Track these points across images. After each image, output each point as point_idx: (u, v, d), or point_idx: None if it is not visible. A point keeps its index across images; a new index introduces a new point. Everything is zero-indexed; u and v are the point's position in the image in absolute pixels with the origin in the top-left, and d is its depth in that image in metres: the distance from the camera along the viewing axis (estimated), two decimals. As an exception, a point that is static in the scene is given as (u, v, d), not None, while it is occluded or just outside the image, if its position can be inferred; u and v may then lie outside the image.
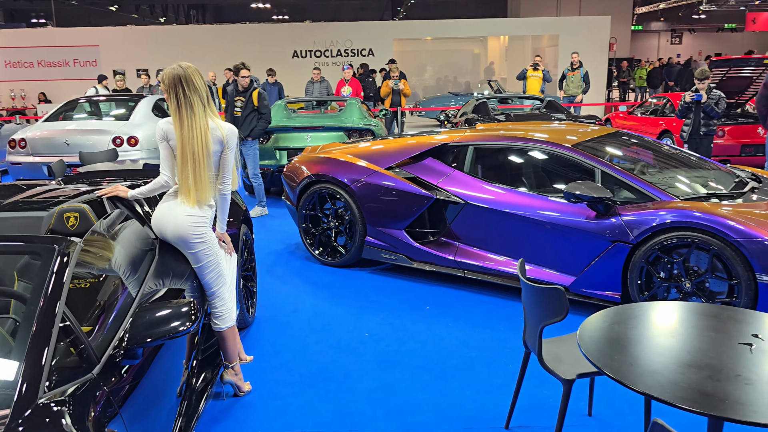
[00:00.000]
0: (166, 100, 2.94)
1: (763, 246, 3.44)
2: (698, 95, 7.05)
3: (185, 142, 2.84)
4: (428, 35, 19.72)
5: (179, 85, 2.85)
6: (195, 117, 2.85)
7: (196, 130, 2.84)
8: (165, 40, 18.57)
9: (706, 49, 50.80)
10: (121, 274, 2.55)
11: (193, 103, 2.85)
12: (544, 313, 2.43)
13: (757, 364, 1.93)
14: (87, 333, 2.10)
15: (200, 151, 2.85)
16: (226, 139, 2.93)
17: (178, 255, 2.99)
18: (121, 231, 2.82)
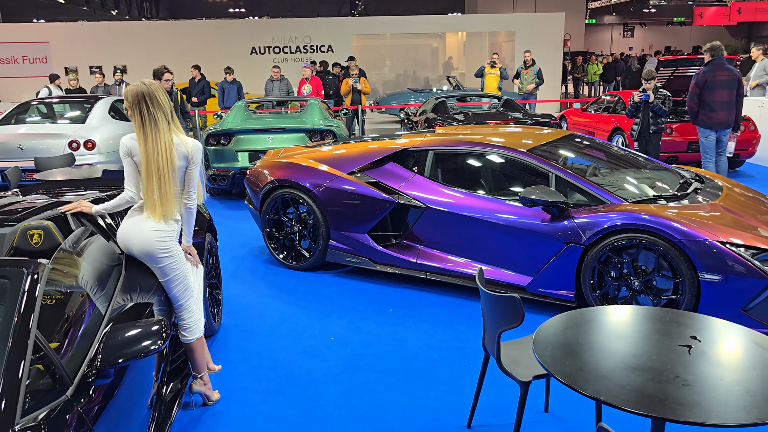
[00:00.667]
0: (129, 117, 2.96)
1: (704, 246, 3.67)
2: (646, 95, 7.35)
3: (150, 158, 2.88)
4: (387, 31, 19.79)
5: (143, 102, 2.88)
6: (159, 133, 2.89)
7: (160, 146, 2.88)
8: (118, 36, 18.17)
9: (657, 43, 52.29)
10: (89, 291, 2.58)
11: (157, 119, 2.88)
12: (501, 320, 2.56)
13: (695, 365, 2.10)
14: (57, 350, 2.14)
15: (165, 166, 2.89)
16: (191, 154, 2.98)
17: (145, 269, 3.03)
18: (87, 248, 2.85)
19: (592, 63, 20.26)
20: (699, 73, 7.22)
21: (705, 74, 7.15)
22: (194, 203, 3.06)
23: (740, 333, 2.35)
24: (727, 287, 3.65)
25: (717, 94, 7.10)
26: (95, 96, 9.14)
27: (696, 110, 7.21)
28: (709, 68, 7.16)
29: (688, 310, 3.76)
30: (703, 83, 7.12)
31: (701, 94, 7.12)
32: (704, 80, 7.12)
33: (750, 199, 4.57)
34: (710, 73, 7.12)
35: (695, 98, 7.15)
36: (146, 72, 9.85)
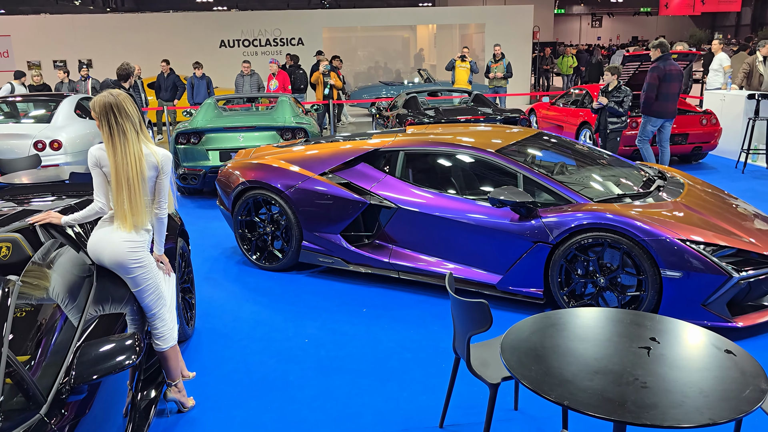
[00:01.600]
0: (98, 128, 2.95)
1: (666, 244, 3.79)
2: (599, 104, 7.74)
3: (119, 169, 2.88)
4: (357, 24, 19.73)
5: (110, 113, 2.87)
6: (128, 143, 2.89)
7: (129, 157, 2.88)
8: (83, 29, 17.78)
9: (624, 33, 53.05)
10: (61, 304, 2.58)
11: (125, 129, 2.88)
12: (470, 324, 2.64)
13: (653, 367, 2.19)
14: (29, 366, 2.14)
15: (135, 177, 2.90)
16: (161, 164, 2.98)
17: (116, 279, 3.03)
18: (57, 260, 2.84)
19: (567, 55, 19.91)
20: (657, 66, 7.61)
21: (663, 68, 7.55)
22: (165, 213, 3.07)
23: (697, 334, 2.46)
24: (687, 283, 3.79)
25: (672, 86, 7.59)
26: (60, 94, 8.97)
27: (652, 101, 7.61)
28: (663, 62, 7.60)
29: (651, 306, 3.89)
30: (663, 76, 7.52)
31: (659, 86, 7.55)
32: (663, 73, 7.53)
33: (710, 195, 4.73)
34: (666, 66, 7.56)
35: (654, 89, 7.57)
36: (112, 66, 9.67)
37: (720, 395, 2.01)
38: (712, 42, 11.48)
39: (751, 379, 2.10)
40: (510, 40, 17.97)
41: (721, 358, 2.26)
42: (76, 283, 2.82)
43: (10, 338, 2.08)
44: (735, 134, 9.36)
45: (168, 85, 12.83)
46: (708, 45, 31.91)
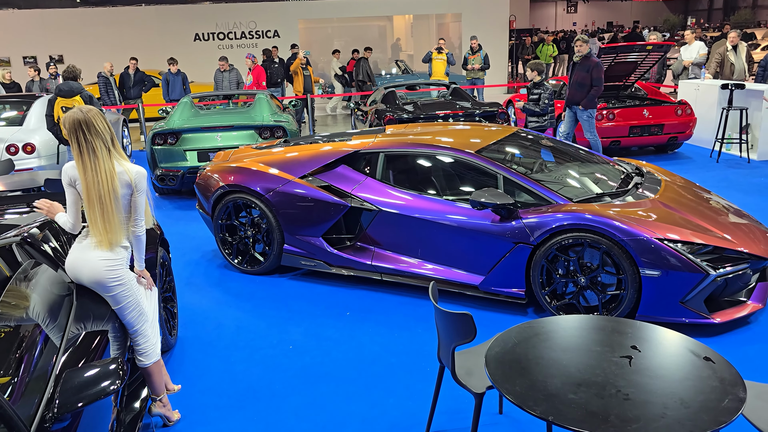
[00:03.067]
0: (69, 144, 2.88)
1: (644, 243, 3.85)
2: (518, 105, 8.12)
3: (90, 187, 2.83)
4: (333, 15, 19.57)
5: (79, 130, 2.81)
6: (99, 161, 2.83)
7: (101, 175, 2.82)
8: (53, 24, 17.39)
9: (599, 18, 53.39)
10: (42, 324, 2.55)
11: (95, 147, 2.82)
12: (455, 335, 2.65)
13: (635, 377, 2.23)
14: (9, 393, 2.11)
15: (107, 194, 2.84)
16: (135, 182, 2.92)
17: (97, 297, 2.99)
18: (36, 280, 2.79)
19: (546, 44, 19.34)
20: (599, 61, 8.05)
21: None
22: (142, 230, 3.02)
23: (676, 340, 2.51)
24: (666, 281, 3.85)
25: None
26: (32, 95, 8.79)
27: (599, 94, 8.11)
28: (593, 55, 8.15)
29: (630, 305, 3.95)
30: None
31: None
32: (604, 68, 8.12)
33: (686, 191, 4.80)
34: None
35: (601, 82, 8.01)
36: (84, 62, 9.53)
37: (700, 406, 2.06)
38: (686, 34, 11.60)
39: (730, 387, 2.15)
40: (486, 29, 17.98)
41: (700, 366, 2.30)
42: (56, 302, 2.78)
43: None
44: (709, 124, 9.51)
45: (136, 82, 12.59)
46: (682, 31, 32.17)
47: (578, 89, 8.07)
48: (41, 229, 3.26)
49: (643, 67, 9.42)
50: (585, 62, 8.03)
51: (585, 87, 7.99)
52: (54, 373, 2.38)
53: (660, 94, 10.00)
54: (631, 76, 9.64)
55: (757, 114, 8.89)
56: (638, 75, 9.64)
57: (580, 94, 8.06)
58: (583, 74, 8.01)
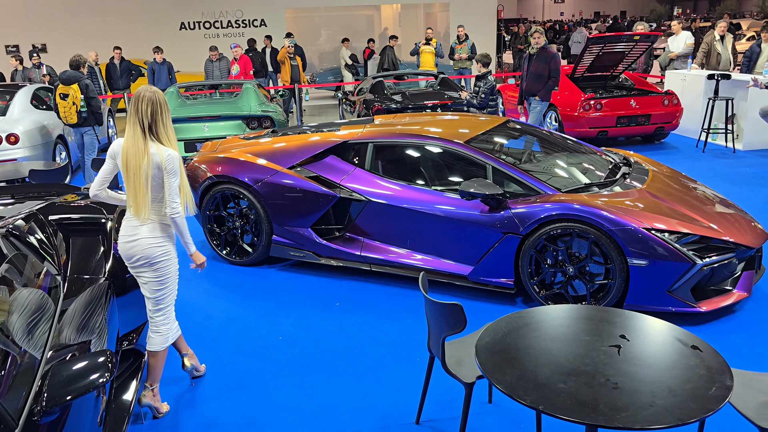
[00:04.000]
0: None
1: (631, 233, 3.87)
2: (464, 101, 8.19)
3: (128, 160, 3.00)
4: (320, 4, 19.41)
5: (132, 106, 3.01)
6: (136, 138, 2.99)
7: (133, 150, 2.99)
8: (35, 13, 17.10)
9: (586, 8, 53.47)
10: (28, 318, 2.52)
11: (135, 124, 3.00)
12: (445, 326, 2.66)
13: (624, 366, 2.25)
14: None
15: (137, 170, 2.99)
16: (164, 164, 3.00)
17: (86, 288, 2.97)
18: (23, 273, 2.76)
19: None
20: (558, 54, 8.09)
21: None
22: (177, 213, 3.08)
23: (664, 329, 2.53)
24: (653, 271, 3.88)
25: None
26: (15, 84, 8.66)
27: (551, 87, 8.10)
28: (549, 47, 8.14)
29: (618, 294, 3.98)
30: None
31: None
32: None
33: (673, 181, 4.83)
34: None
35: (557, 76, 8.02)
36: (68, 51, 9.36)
37: (688, 394, 2.08)
38: (673, 24, 11.65)
39: (717, 375, 2.18)
40: (474, 18, 17.93)
41: (687, 354, 2.33)
42: (43, 294, 2.75)
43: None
44: (695, 114, 9.57)
45: (122, 72, 12.44)
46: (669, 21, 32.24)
47: (536, 80, 7.99)
48: (27, 220, 3.22)
49: (631, 57, 9.45)
50: (543, 53, 7.97)
51: (543, 78, 7.93)
52: (42, 366, 2.36)
53: (647, 85, 10.05)
54: (619, 66, 9.67)
55: (743, 104, 8.96)
56: (625, 65, 9.67)
57: (538, 85, 7.98)
58: (541, 65, 7.93)
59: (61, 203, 3.95)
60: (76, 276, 3.14)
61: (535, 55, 8.03)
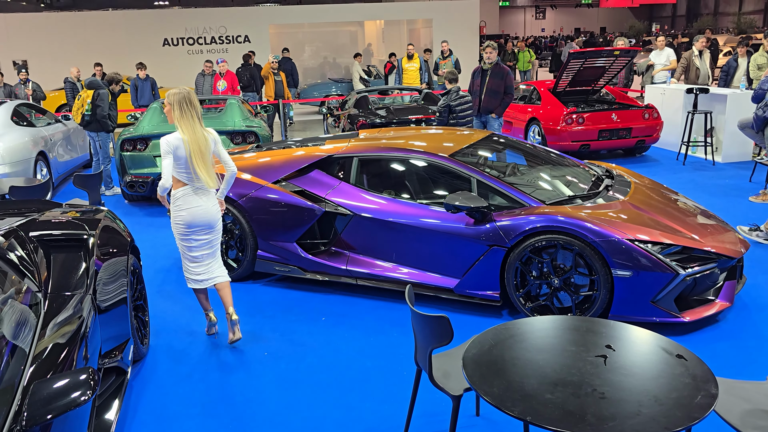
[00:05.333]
0: (167, 113, 3.95)
1: (615, 244, 3.91)
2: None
3: (194, 144, 3.82)
4: (304, 20, 19.53)
5: (183, 102, 3.85)
6: (196, 125, 3.87)
7: (198, 134, 3.86)
8: (18, 29, 16.99)
9: (567, 25, 54.31)
10: (8, 336, 2.47)
11: (192, 115, 3.86)
12: (432, 338, 2.65)
13: (610, 376, 2.26)
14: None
15: (206, 149, 3.87)
16: (215, 138, 3.99)
17: (67, 303, 2.92)
18: (2, 290, 2.71)
19: (522, 51, 18.21)
20: (511, 72, 8.11)
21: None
22: (234, 167, 4.10)
23: (649, 339, 2.55)
24: (637, 281, 3.92)
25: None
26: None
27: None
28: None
29: (603, 305, 4.01)
30: None
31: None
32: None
33: (654, 192, 4.89)
34: None
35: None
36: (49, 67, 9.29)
37: (674, 402, 2.09)
38: (658, 39, 11.86)
39: (702, 384, 2.19)
40: (457, 34, 18.13)
41: (672, 363, 2.34)
42: (24, 311, 2.70)
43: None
44: (675, 127, 9.72)
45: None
46: (648, 36, 32.80)
47: (493, 96, 7.85)
48: (6, 237, 3.17)
49: (611, 72, 9.59)
50: (498, 69, 7.84)
51: (499, 95, 7.82)
52: (22, 384, 2.31)
53: (628, 99, 10.20)
54: (600, 80, 9.80)
55: (721, 117, 9.11)
56: (606, 79, 9.81)
57: (495, 102, 7.85)
58: (497, 81, 7.81)
59: (43, 220, 3.90)
60: (57, 293, 3.09)
61: (489, 71, 7.87)
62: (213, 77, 11.52)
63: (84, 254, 3.44)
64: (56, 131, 9.10)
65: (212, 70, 11.59)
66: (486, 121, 8.06)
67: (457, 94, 7.63)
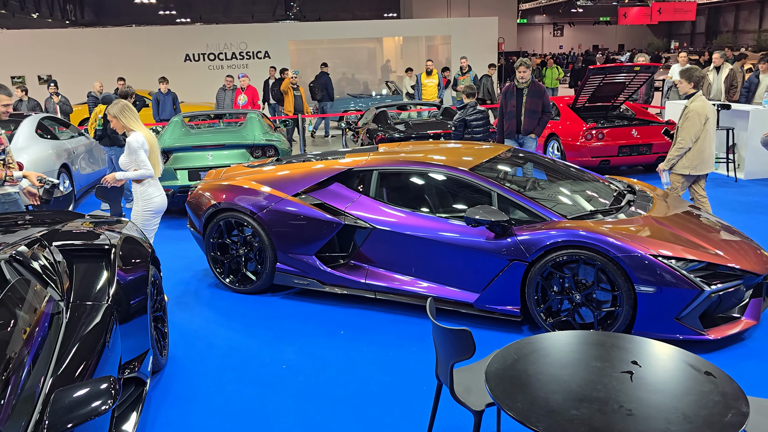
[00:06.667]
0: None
1: (638, 260, 3.85)
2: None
3: (151, 140, 4.93)
4: (323, 36, 19.73)
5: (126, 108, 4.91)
6: (143, 126, 4.97)
7: (149, 133, 4.93)
8: (43, 44, 17.38)
9: (585, 42, 54.25)
10: (30, 345, 2.48)
11: (137, 117, 4.98)
12: (453, 352, 2.62)
13: (637, 393, 2.21)
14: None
15: (156, 145, 5.01)
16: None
17: (90, 314, 2.94)
18: (26, 299, 2.73)
19: (549, 67, 17.64)
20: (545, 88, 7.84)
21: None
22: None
23: (676, 355, 2.49)
24: (661, 298, 3.85)
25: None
26: (20, 114, 8.74)
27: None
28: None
29: (626, 321, 3.94)
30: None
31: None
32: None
33: (677, 208, 4.82)
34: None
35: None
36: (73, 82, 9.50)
37: (703, 420, 2.04)
38: (680, 55, 11.79)
39: (732, 401, 2.13)
40: (476, 51, 18.19)
41: (701, 380, 2.28)
42: (46, 321, 2.72)
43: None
44: (696, 143, 9.58)
45: None
46: (667, 53, 32.63)
47: (532, 117, 7.48)
48: (30, 246, 3.21)
49: (631, 88, 9.53)
50: (535, 88, 7.52)
51: (537, 114, 7.50)
52: (43, 393, 2.32)
53: (648, 115, 10.12)
54: (620, 96, 9.75)
55: (743, 134, 9.00)
56: (626, 95, 9.75)
57: (534, 122, 7.50)
58: (535, 100, 7.46)
59: (66, 230, 3.94)
60: (79, 302, 3.11)
61: (525, 90, 7.53)
62: (234, 92, 11.65)
63: (106, 264, 3.47)
64: (79, 144, 9.24)
65: (233, 85, 11.72)
66: (523, 142, 7.72)
67: (474, 109, 7.63)
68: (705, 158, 5.76)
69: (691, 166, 5.74)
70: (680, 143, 5.69)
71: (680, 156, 5.74)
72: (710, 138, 5.74)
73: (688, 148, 5.68)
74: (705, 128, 5.66)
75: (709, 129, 5.69)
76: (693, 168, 5.75)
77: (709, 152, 5.78)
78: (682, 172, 5.78)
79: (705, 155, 5.75)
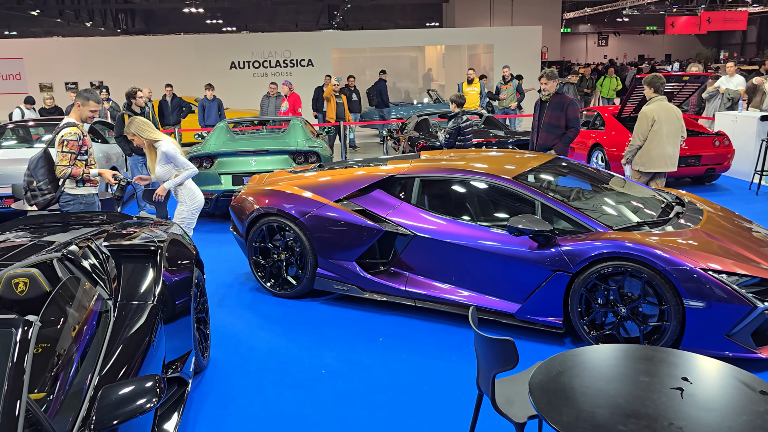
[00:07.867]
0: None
1: (687, 273, 3.73)
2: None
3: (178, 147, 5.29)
4: (366, 45, 19.87)
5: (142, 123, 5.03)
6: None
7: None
8: (94, 51, 17.98)
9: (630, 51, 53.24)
10: (79, 342, 2.55)
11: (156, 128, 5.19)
12: (495, 362, 2.58)
13: (688, 410, 2.13)
14: (45, 409, 2.10)
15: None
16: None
17: (137, 313, 3.00)
18: (75, 296, 2.81)
19: (609, 76, 16.29)
20: (575, 100, 7.23)
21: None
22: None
23: (729, 372, 2.40)
24: (711, 313, 3.72)
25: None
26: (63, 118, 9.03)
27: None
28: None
29: (674, 336, 3.82)
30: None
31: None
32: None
33: (728, 221, 4.67)
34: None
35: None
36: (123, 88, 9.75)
37: (759, 442, 1.95)
38: (728, 65, 11.47)
39: (791, 424, 2.04)
40: (519, 60, 18.03)
41: (756, 400, 2.19)
42: (94, 318, 2.79)
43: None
44: (748, 156, 9.30)
45: (173, 108, 12.85)
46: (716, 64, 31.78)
47: (551, 132, 6.75)
48: (81, 246, 3.30)
49: (680, 98, 9.29)
50: (557, 100, 6.75)
51: (559, 129, 6.72)
52: (90, 389, 2.37)
53: (697, 125, 9.84)
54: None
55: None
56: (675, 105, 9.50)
57: (554, 138, 6.74)
58: (556, 114, 6.72)
59: (114, 231, 4.04)
60: (126, 301, 3.19)
61: (547, 103, 6.84)
62: (278, 99, 11.83)
63: (152, 265, 3.54)
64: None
65: (276, 92, 11.90)
66: None
67: (466, 118, 7.63)
68: (653, 157, 6.29)
69: (640, 163, 6.37)
70: (631, 141, 6.43)
71: (632, 152, 6.41)
72: (660, 139, 6.23)
73: (637, 146, 6.34)
74: (653, 130, 6.21)
75: (659, 131, 6.21)
76: (642, 165, 6.35)
77: (658, 152, 6.26)
78: (635, 167, 6.44)
79: (653, 155, 6.28)
